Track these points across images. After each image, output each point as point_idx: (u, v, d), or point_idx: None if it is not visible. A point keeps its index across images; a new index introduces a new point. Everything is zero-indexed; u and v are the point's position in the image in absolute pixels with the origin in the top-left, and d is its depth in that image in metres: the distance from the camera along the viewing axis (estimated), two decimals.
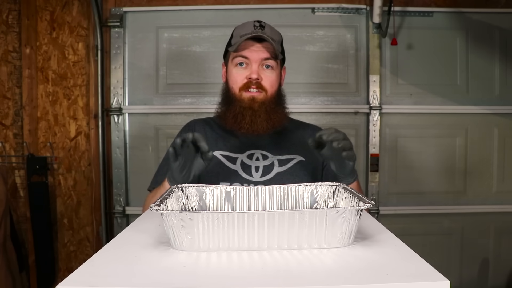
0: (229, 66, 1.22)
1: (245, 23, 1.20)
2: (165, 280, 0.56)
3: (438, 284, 0.53)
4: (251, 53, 1.15)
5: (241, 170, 1.16)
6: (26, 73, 2.12)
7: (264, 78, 1.16)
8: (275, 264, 0.62)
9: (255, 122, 1.15)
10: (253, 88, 1.16)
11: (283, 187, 0.92)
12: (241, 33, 1.17)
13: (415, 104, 2.14)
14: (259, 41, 1.16)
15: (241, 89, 1.17)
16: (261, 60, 1.16)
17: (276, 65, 1.18)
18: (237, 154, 1.19)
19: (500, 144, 2.17)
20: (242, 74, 1.17)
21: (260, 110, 1.15)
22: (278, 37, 1.22)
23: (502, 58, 2.15)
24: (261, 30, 1.16)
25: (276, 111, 1.19)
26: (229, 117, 1.18)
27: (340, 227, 0.68)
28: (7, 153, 2.16)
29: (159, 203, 0.72)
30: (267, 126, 1.16)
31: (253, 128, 1.16)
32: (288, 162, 1.19)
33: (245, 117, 1.15)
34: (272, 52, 1.16)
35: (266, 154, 1.20)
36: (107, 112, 2.14)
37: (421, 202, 2.15)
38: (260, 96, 1.16)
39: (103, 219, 2.14)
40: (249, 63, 1.16)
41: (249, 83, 1.16)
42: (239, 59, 1.17)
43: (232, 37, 1.22)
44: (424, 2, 2.14)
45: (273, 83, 1.18)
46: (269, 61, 1.16)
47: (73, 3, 2.14)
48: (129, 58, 2.14)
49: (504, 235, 2.19)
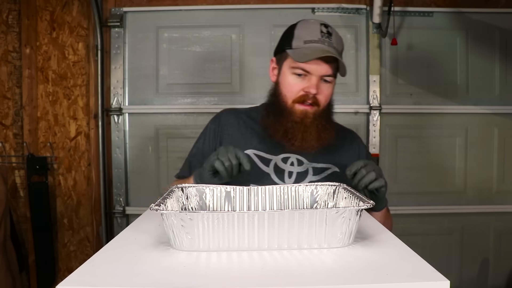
0: (284, 70, 1.13)
1: (309, 24, 1.11)
2: (165, 280, 0.56)
3: (438, 284, 0.53)
4: (314, 68, 1.07)
5: (274, 174, 1.11)
6: (26, 73, 2.12)
7: (321, 92, 1.10)
8: (275, 264, 0.62)
9: (306, 140, 1.10)
10: (308, 102, 1.09)
11: (283, 187, 0.92)
12: (305, 38, 1.08)
13: (415, 104, 2.14)
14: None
15: (295, 101, 1.10)
16: (322, 76, 1.09)
17: (334, 79, 1.13)
18: (272, 155, 1.14)
19: (500, 144, 2.17)
20: (300, 85, 1.09)
21: (311, 127, 1.10)
22: (342, 46, 1.14)
23: (502, 58, 2.15)
24: (328, 40, 1.08)
25: (327, 129, 1.13)
26: (280, 130, 1.12)
27: (340, 227, 0.68)
28: (7, 153, 2.16)
29: (159, 203, 0.72)
30: (317, 145, 1.11)
31: (303, 146, 1.10)
32: (323, 171, 1.14)
33: (296, 134, 1.10)
34: (335, 67, 1.10)
35: (301, 159, 1.14)
36: (107, 112, 2.14)
37: (421, 202, 2.15)
38: (313, 109, 1.10)
39: (103, 219, 2.14)
40: (308, 76, 1.09)
41: (306, 96, 1.09)
42: (300, 70, 1.08)
43: (293, 37, 1.11)
44: (424, 2, 2.14)
45: (328, 97, 1.13)
46: (329, 78, 1.10)
47: (73, 3, 2.14)
48: (129, 58, 2.14)
49: (504, 235, 2.19)
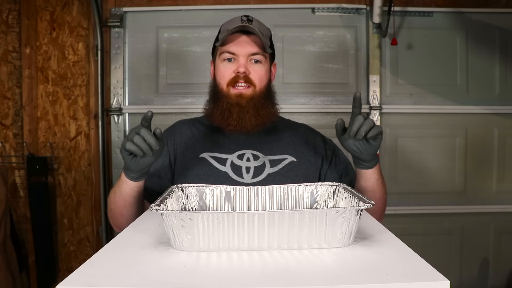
0: (216, 62, 1.18)
1: (232, 18, 1.17)
2: (165, 280, 0.56)
3: (438, 284, 0.53)
4: (238, 48, 1.12)
5: (232, 172, 1.12)
6: (26, 73, 2.12)
7: (253, 72, 1.13)
8: (275, 264, 0.62)
9: (243, 118, 1.12)
10: (241, 82, 1.12)
11: (283, 187, 0.92)
12: (228, 28, 1.13)
13: (415, 104, 2.14)
14: (247, 34, 1.12)
15: (228, 84, 1.13)
16: (249, 55, 1.12)
17: (265, 59, 1.15)
18: (227, 154, 1.15)
19: (500, 144, 2.17)
20: (230, 69, 1.13)
21: (248, 106, 1.12)
22: (267, 31, 1.18)
23: (502, 58, 2.15)
24: (248, 24, 1.12)
25: (265, 106, 1.15)
26: (216, 113, 1.14)
27: (340, 227, 0.68)
28: (7, 153, 2.16)
29: (159, 203, 0.72)
30: (256, 122, 1.13)
31: (241, 124, 1.12)
32: (279, 162, 1.15)
33: (232, 113, 1.12)
34: (261, 45, 1.12)
35: (257, 154, 1.15)
36: (107, 112, 2.14)
37: (421, 202, 2.15)
38: (248, 91, 1.12)
39: (103, 219, 2.14)
40: (236, 58, 1.12)
41: (237, 77, 1.12)
42: (227, 54, 1.13)
43: (220, 32, 1.18)
44: (424, 2, 2.14)
45: (262, 78, 1.14)
46: (258, 56, 1.13)
47: (73, 3, 2.14)
48: (129, 58, 2.14)
49: (504, 235, 2.19)
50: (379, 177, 1.11)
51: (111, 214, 1.12)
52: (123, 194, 1.06)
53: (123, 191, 1.06)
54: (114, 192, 1.09)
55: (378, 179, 1.10)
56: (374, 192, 1.11)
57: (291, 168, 1.15)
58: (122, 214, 1.09)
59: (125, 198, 1.06)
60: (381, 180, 1.12)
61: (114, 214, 1.11)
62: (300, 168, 1.16)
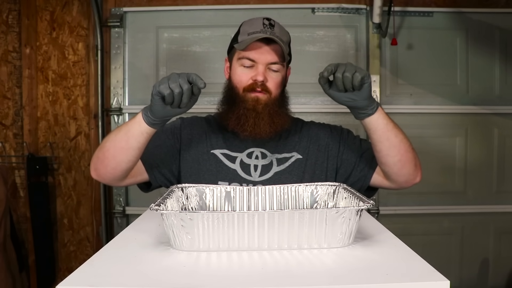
0: (233, 64, 1.18)
1: (253, 20, 1.16)
2: (165, 280, 0.56)
3: (438, 284, 0.53)
4: (259, 56, 1.12)
5: (240, 170, 1.15)
6: (26, 73, 2.12)
7: (270, 80, 1.14)
8: (275, 264, 0.62)
9: (258, 125, 1.13)
10: (258, 89, 1.13)
11: (283, 187, 0.92)
12: (249, 31, 1.13)
13: (415, 104, 2.14)
14: (268, 42, 1.13)
15: (245, 89, 1.14)
16: (268, 63, 1.13)
17: (282, 67, 1.16)
18: (237, 153, 1.18)
19: (500, 144, 2.17)
20: (248, 75, 1.14)
21: (263, 113, 1.13)
22: (287, 37, 1.19)
23: (502, 58, 2.14)
24: (270, 30, 1.12)
25: (279, 114, 1.16)
26: (232, 118, 1.15)
27: (340, 227, 0.68)
28: (7, 153, 2.16)
29: (159, 203, 0.72)
30: (270, 130, 1.14)
31: (256, 131, 1.13)
32: (286, 160, 1.17)
33: (248, 119, 1.13)
34: (280, 54, 1.13)
35: (265, 152, 1.18)
36: (107, 112, 2.14)
37: (421, 202, 2.14)
38: (264, 97, 1.13)
39: (103, 219, 2.14)
40: (255, 65, 1.13)
41: (254, 84, 1.13)
42: (246, 61, 1.14)
43: (239, 33, 1.17)
44: (424, 2, 2.14)
45: (278, 85, 1.16)
46: (276, 66, 1.14)
47: (73, 3, 2.14)
48: (129, 58, 2.14)
49: (504, 235, 2.19)
50: (388, 122, 1.03)
51: (103, 151, 1.05)
52: (129, 134, 1.01)
53: (131, 131, 1.01)
54: (118, 130, 1.04)
55: (388, 124, 1.03)
56: (389, 140, 1.03)
57: (298, 166, 1.17)
58: (115, 155, 1.03)
59: (129, 140, 1.01)
60: (392, 124, 1.04)
61: (105, 153, 1.04)
62: (308, 165, 1.18)
